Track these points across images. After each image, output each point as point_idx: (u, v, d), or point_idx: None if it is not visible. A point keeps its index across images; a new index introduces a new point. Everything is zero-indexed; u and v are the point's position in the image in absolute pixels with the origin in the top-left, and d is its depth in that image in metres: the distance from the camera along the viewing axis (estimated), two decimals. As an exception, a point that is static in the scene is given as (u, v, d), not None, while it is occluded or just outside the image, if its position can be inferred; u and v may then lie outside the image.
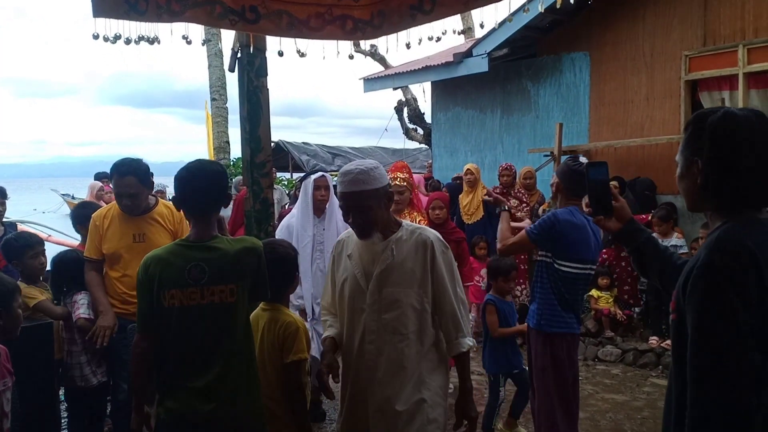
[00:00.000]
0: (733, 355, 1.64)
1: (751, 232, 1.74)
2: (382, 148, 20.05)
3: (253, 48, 3.93)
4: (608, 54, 9.55)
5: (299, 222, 5.24)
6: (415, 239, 2.93)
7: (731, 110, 1.85)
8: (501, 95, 11.01)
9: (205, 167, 2.88)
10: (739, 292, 1.65)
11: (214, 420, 2.75)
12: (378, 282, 2.89)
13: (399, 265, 2.89)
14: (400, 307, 2.87)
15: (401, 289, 2.88)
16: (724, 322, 1.65)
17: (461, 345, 2.95)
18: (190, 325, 2.75)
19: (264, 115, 4.01)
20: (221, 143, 16.63)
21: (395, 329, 2.88)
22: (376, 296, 2.89)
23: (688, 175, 1.91)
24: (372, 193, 2.82)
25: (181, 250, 2.80)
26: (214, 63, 16.50)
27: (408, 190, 5.43)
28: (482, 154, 11.28)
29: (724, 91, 8.43)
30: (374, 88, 12.87)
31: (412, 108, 17.02)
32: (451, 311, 2.94)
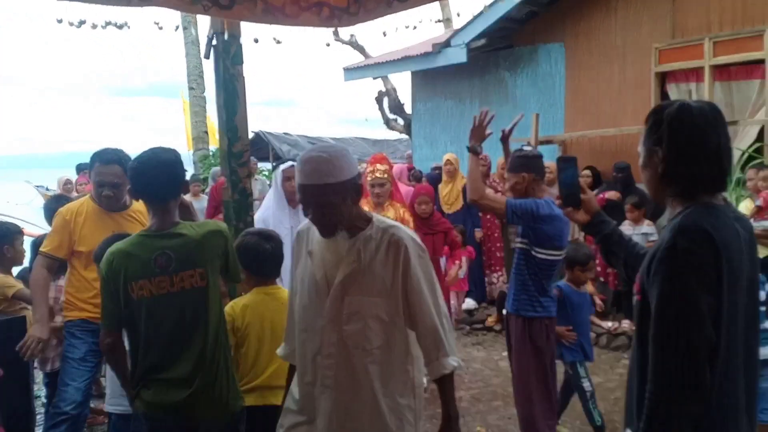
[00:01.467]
0: (692, 332, 1.76)
1: (709, 217, 1.86)
2: (362, 139, 20.05)
3: (228, 35, 3.92)
4: (582, 45, 9.63)
5: (274, 214, 5.04)
6: (387, 239, 2.43)
7: (687, 102, 1.98)
8: (479, 85, 11.06)
9: (159, 155, 2.83)
10: (699, 272, 1.78)
11: (192, 406, 2.76)
12: (341, 288, 2.42)
13: (366, 269, 2.41)
14: (364, 318, 2.40)
15: (367, 298, 2.41)
16: (685, 300, 1.78)
17: (443, 366, 2.47)
18: (164, 314, 2.75)
19: (241, 104, 4.01)
20: (200, 133, 16.52)
21: (357, 343, 2.41)
22: (338, 305, 2.42)
23: (650, 164, 2.02)
24: (338, 187, 2.32)
25: (144, 240, 2.79)
26: (191, 51, 16.34)
27: (388, 182, 5.28)
28: (461, 144, 11.29)
29: (691, 83, 8.60)
30: (354, 77, 12.87)
31: (393, 98, 17.03)
32: (430, 326, 2.45)
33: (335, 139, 19.75)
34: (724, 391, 1.83)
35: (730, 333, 1.82)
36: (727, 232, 1.85)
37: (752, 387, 1.95)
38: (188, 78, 16.58)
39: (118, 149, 4.03)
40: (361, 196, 2.51)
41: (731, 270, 1.81)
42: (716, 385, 1.80)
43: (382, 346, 2.43)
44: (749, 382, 1.92)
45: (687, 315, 1.77)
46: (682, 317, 1.78)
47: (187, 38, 16.28)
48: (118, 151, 4.01)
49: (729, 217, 1.91)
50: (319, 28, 4.28)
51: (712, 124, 1.93)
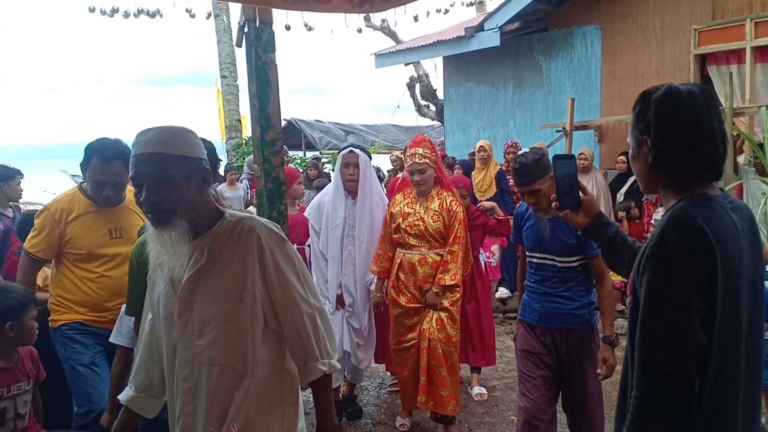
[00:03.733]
0: (678, 335, 1.64)
1: (703, 210, 1.72)
2: (394, 126, 19.98)
3: (259, 22, 3.89)
4: (619, 27, 9.45)
5: (331, 201, 4.83)
6: (238, 232, 2.09)
7: (674, 86, 1.84)
8: (513, 70, 10.92)
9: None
10: (690, 271, 1.65)
11: None
12: (187, 294, 2.06)
13: (215, 269, 2.06)
14: (217, 327, 2.05)
15: (219, 304, 2.06)
16: (673, 301, 1.65)
17: (310, 372, 2.17)
18: None
19: (273, 92, 3.97)
20: (233, 121, 16.58)
21: (213, 359, 2.06)
22: (187, 314, 2.07)
23: (639, 154, 1.88)
24: (179, 162, 2.00)
25: None
26: (223, 39, 16.38)
27: (431, 167, 4.58)
28: (494, 131, 11.21)
29: (732, 65, 8.39)
30: (386, 64, 12.79)
31: (424, 84, 16.90)
32: (300, 325, 2.14)
33: (366, 126, 19.73)
34: (718, 397, 1.69)
35: (727, 336, 1.69)
36: (723, 225, 1.71)
37: (755, 393, 1.82)
38: (220, 66, 16.63)
39: (117, 141, 3.66)
40: (209, 186, 2.13)
41: (728, 267, 1.67)
42: (708, 391, 1.67)
43: (243, 359, 2.08)
44: (751, 388, 1.79)
45: (673, 317, 1.65)
46: (667, 320, 1.66)
47: (218, 26, 16.32)
48: (118, 143, 3.64)
49: (725, 208, 1.76)
50: (351, 13, 4.22)
51: (703, 107, 1.79)
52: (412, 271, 4.56)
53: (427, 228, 4.51)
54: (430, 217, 4.52)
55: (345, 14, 4.19)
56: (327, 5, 3.90)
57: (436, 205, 4.56)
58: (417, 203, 4.61)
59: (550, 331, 3.60)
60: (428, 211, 4.55)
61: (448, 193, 4.65)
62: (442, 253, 4.51)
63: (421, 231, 4.52)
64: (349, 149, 4.85)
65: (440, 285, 4.47)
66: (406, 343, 4.59)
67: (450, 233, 4.51)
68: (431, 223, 4.51)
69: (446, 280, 4.45)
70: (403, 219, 4.58)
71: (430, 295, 4.49)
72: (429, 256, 4.53)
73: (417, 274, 4.54)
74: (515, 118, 10.92)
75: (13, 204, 5.86)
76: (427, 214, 4.54)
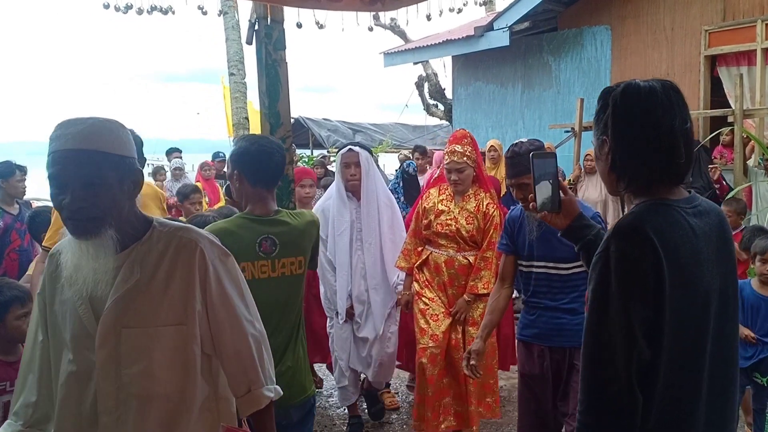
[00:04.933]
0: (619, 346, 1.55)
1: (654, 217, 1.61)
2: (403, 125, 19.96)
3: (270, 20, 3.90)
4: (629, 28, 9.43)
5: (335, 206, 4.50)
6: (175, 245, 1.83)
7: (634, 82, 1.73)
8: (522, 70, 10.90)
9: (272, 141, 2.87)
10: (632, 280, 1.56)
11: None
12: (113, 317, 1.75)
13: (147, 289, 1.78)
14: (151, 354, 1.78)
15: (152, 328, 1.78)
16: (613, 310, 1.56)
17: (258, 400, 1.95)
18: (262, 298, 2.68)
19: (283, 90, 3.99)
20: (240, 119, 16.58)
21: (145, 389, 1.78)
22: (113, 340, 1.75)
23: (601, 156, 1.76)
24: (114, 161, 1.73)
25: (248, 223, 2.75)
26: (232, 36, 16.36)
27: (470, 166, 4.21)
28: (503, 130, 11.19)
29: (742, 67, 8.39)
30: (394, 63, 12.80)
31: (433, 83, 16.89)
32: (245, 349, 1.92)
33: (374, 124, 19.71)
34: (668, 414, 1.60)
35: (678, 350, 1.58)
36: (677, 233, 1.60)
37: (723, 411, 1.70)
38: (228, 64, 16.62)
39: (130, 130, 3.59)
40: (138, 191, 1.83)
41: (679, 278, 1.57)
42: (656, 407, 1.58)
43: (181, 387, 1.83)
44: (717, 404, 1.68)
45: (613, 328, 1.55)
46: (607, 330, 1.56)
47: (227, 23, 16.29)
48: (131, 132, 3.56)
49: (684, 214, 1.64)
50: (362, 12, 4.22)
51: (664, 105, 1.66)
52: (437, 271, 4.29)
53: (459, 230, 4.21)
54: (464, 219, 4.23)
55: (356, 12, 4.19)
56: (338, 3, 3.90)
57: (472, 206, 4.25)
58: (452, 201, 4.30)
59: (551, 351, 3.24)
60: (463, 211, 4.24)
61: (486, 194, 4.31)
62: (470, 258, 4.23)
63: (452, 232, 4.23)
64: (348, 148, 4.51)
65: (473, 293, 4.18)
66: (432, 342, 4.18)
67: (484, 238, 4.21)
68: (464, 225, 4.21)
69: (479, 288, 4.16)
70: (436, 216, 4.28)
71: (461, 303, 4.21)
72: (456, 259, 4.24)
73: (442, 275, 4.27)
74: (524, 117, 10.91)
75: (21, 201, 5.80)
76: (462, 214, 4.24)
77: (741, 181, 6.88)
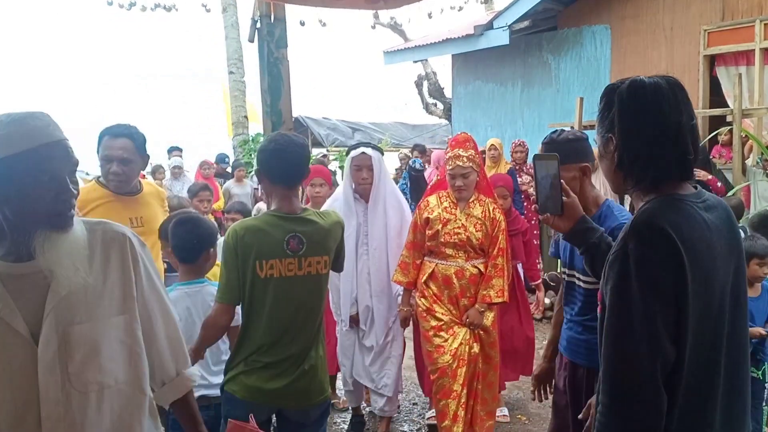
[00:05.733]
0: (645, 348, 1.51)
1: (669, 212, 1.59)
2: (402, 124, 19.96)
3: (273, 18, 3.92)
4: (629, 27, 9.45)
5: (342, 210, 4.23)
6: (105, 238, 1.82)
7: (638, 78, 1.73)
8: (522, 69, 10.92)
9: (294, 139, 2.85)
10: (655, 279, 1.52)
11: (297, 390, 2.76)
12: (57, 318, 1.69)
13: (96, 280, 1.78)
14: (99, 347, 1.76)
15: (98, 323, 1.76)
16: (637, 311, 1.53)
17: (189, 378, 2.04)
18: (287, 296, 2.74)
19: (285, 88, 4.01)
20: (239, 118, 16.56)
21: (97, 383, 1.75)
22: (59, 342, 1.70)
23: (606, 154, 1.75)
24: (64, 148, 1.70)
25: (276, 220, 2.74)
26: (231, 34, 16.34)
27: (475, 171, 4.05)
28: (503, 129, 11.21)
29: (741, 66, 8.42)
30: (394, 61, 12.82)
31: (432, 82, 16.91)
32: (173, 333, 1.99)
33: (374, 123, 19.71)
34: (690, 416, 1.57)
35: (701, 349, 1.55)
36: (693, 227, 1.57)
37: (735, 405, 1.67)
38: (228, 62, 16.60)
39: (129, 125, 3.55)
40: None
41: (699, 273, 1.53)
42: (679, 409, 1.55)
43: (132, 378, 1.84)
44: (731, 400, 1.64)
45: (638, 330, 1.51)
46: (631, 332, 1.52)
47: (227, 21, 16.29)
48: (130, 126, 3.53)
49: (696, 208, 1.62)
50: (363, 10, 4.24)
51: (671, 101, 1.65)
52: (447, 284, 4.05)
53: (469, 238, 4.01)
54: (473, 226, 4.03)
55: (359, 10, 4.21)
56: (340, 1, 3.92)
57: (479, 212, 4.07)
58: (456, 209, 4.08)
59: (573, 367, 2.88)
60: (471, 218, 4.05)
61: (490, 199, 4.18)
62: (480, 266, 4.06)
63: (462, 240, 4.02)
64: (361, 151, 4.30)
65: (485, 303, 4.01)
66: (440, 361, 4.02)
67: (493, 244, 4.05)
68: (474, 233, 4.02)
69: (492, 297, 3.99)
70: (443, 226, 4.04)
71: (472, 313, 4.02)
72: (467, 269, 4.04)
73: (453, 288, 4.05)
74: (523, 116, 10.93)
75: None
76: (470, 222, 4.04)
77: (740, 181, 6.89)
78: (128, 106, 28.37)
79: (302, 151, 2.82)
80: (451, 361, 4.00)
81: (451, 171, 4.03)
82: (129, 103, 32.89)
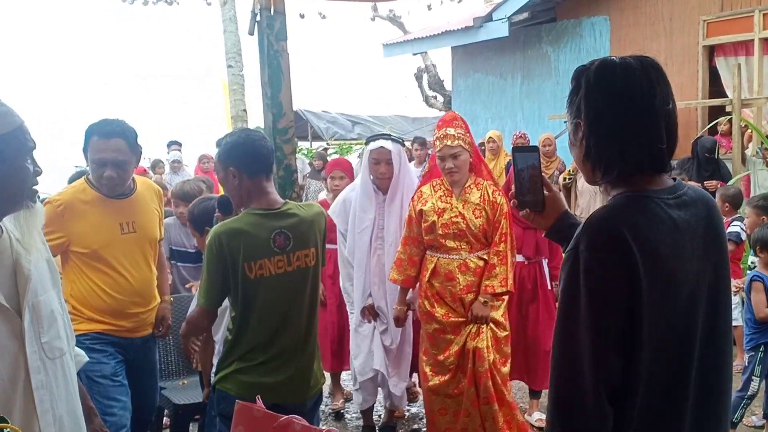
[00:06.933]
0: (585, 357, 1.40)
1: (629, 212, 1.46)
2: (401, 117, 19.96)
3: (273, 10, 3.92)
4: (628, 18, 9.45)
5: (359, 201, 4.15)
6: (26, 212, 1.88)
7: (609, 58, 1.58)
8: (521, 61, 10.92)
9: (256, 132, 2.89)
10: (603, 284, 1.41)
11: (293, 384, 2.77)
12: (30, 292, 1.84)
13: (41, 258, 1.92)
14: (55, 317, 1.92)
15: (50, 293, 1.92)
16: (580, 321, 1.41)
17: (78, 355, 2.16)
18: (279, 293, 2.73)
19: (285, 80, 4.01)
20: (238, 111, 16.53)
21: (59, 349, 1.92)
22: (31, 314, 1.84)
23: (575, 141, 1.59)
24: None
25: (258, 219, 2.69)
26: (229, 28, 16.31)
27: (465, 150, 3.75)
28: (503, 121, 11.21)
29: (740, 56, 8.44)
30: (394, 54, 12.84)
31: (432, 75, 16.91)
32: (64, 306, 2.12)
33: (373, 116, 19.70)
34: (652, 427, 1.46)
35: (661, 355, 1.43)
36: (656, 229, 1.44)
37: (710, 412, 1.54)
38: (226, 56, 16.57)
39: (120, 120, 3.26)
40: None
41: (658, 279, 1.41)
42: (637, 420, 1.44)
43: (69, 344, 2.01)
44: (703, 409, 1.52)
45: (580, 340, 1.41)
46: (574, 342, 1.42)
47: (225, 15, 16.25)
48: (120, 122, 3.24)
49: (665, 207, 1.47)
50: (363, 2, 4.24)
51: (643, 84, 1.49)
52: (450, 279, 3.77)
53: (468, 226, 3.73)
54: (471, 213, 3.75)
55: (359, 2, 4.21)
56: (340, -7, 3.91)
57: (477, 197, 3.79)
58: (452, 196, 3.81)
59: None
60: (468, 205, 3.76)
61: (489, 182, 3.87)
62: (485, 256, 3.76)
63: (461, 230, 3.74)
64: (379, 145, 4.11)
65: (488, 294, 3.71)
66: (441, 366, 3.80)
67: (495, 230, 3.75)
68: (473, 220, 3.73)
69: (495, 287, 3.69)
70: (438, 216, 3.77)
71: (477, 306, 3.71)
72: (471, 261, 3.76)
73: (457, 284, 3.75)
74: (523, 108, 10.93)
75: None
76: (467, 208, 3.76)
77: (740, 170, 6.91)
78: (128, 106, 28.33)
79: (265, 141, 2.82)
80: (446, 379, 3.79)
81: (440, 153, 3.78)
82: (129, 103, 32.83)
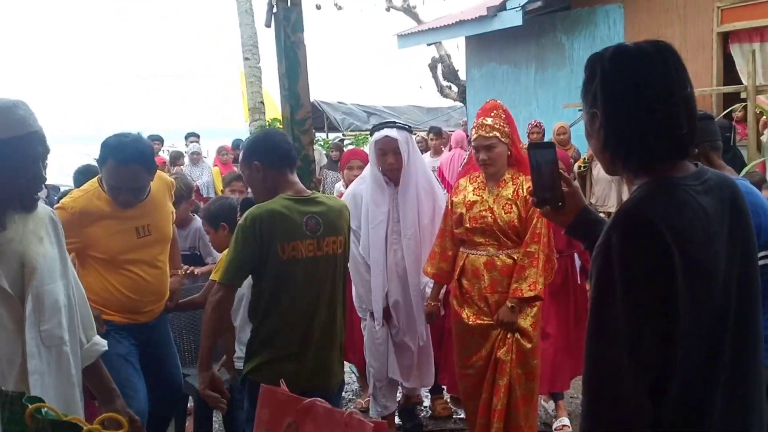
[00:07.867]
0: (625, 353, 1.36)
1: (660, 200, 1.42)
2: (417, 107, 19.97)
3: (290, 2, 3.98)
4: (642, 5, 9.42)
5: (370, 194, 3.97)
6: (51, 213, 2.13)
7: (623, 44, 1.55)
8: (535, 49, 10.92)
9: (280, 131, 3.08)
10: (639, 277, 1.37)
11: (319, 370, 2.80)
12: (35, 281, 1.97)
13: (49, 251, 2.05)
14: (58, 307, 2.04)
15: (56, 284, 2.05)
16: (611, 312, 1.38)
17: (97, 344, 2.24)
18: (309, 277, 2.77)
19: (302, 71, 4.07)
20: (256, 103, 16.61)
21: (59, 337, 2.04)
22: (33, 302, 1.97)
23: (592, 131, 1.55)
24: None
25: (291, 204, 2.75)
26: (245, 21, 16.38)
27: (502, 142, 3.51)
28: (517, 111, 11.19)
29: (755, 43, 8.38)
30: (408, 44, 12.86)
31: (446, 65, 16.92)
32: (83, 298, 2.24)
33: (388, 107, 19.73)
34: (685, 419, 1.41)
35: (696, 350, 1.39)
36: (689, 218, 1.40)
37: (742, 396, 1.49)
38: (243, 48, 16.62)
39: (137, 139, 3.20)
40: None
41: (694, 270, 1.37)
42: (671, 414, 1.40)
43: (72, 335, 2.11)
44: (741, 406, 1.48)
45: (618, 338, 1.36)
46: (612, 340, 1.38)
47: (240, 7, 16.32)
48: (137, 142, 3.18)
49: (693, 193, 1.43)
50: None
51: (660, 69, 1.45)
52: (477, 276, 3.55)
53: (496, 221, 3.50)
54: (501, 207, 3.51)
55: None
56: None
57: (510, 191, 3.53)
58: (485, 189, 3.60)
59: None
60: (499, 199, 3.53)
61: (527, 177, 3.44)
62: (515, 255, 3.50)
63: (488, 225, 3.51)
64: (384, 134, 3.90)
65: (516, 297, 3.45)
66: (471, 369, 3.60)
67: (527, 229, 3.49)
68: (502, 215, 3.49)
69: (524, 290, 3.43)
70: (467, 209, 3.57)
71: (503, 311, 3.46)
72: (498, 258, 3.52)
73: (482, 281, 3.53)
74: (538, 97, 10.94)
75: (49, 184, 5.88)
76: (498, 203, 3.52)
77: (755, 157, 6.92)
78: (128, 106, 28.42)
79: (284, 137, 2.95)
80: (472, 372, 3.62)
81: (475, 143, 3.57)
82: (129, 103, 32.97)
